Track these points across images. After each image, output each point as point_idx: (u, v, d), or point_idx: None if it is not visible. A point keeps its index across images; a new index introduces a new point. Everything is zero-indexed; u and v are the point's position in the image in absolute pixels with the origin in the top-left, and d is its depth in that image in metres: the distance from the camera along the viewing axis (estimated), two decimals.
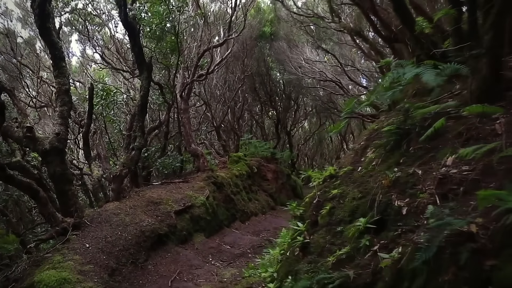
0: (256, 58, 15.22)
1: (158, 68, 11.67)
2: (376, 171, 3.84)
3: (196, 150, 10.37)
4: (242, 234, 9.38)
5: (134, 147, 8.73)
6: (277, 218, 12.17)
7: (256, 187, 12.97)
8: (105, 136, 12.94)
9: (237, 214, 10.30)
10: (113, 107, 12.32)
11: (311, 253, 4.20)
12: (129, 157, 8.63)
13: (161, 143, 11.35)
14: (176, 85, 10.58)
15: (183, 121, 10.32)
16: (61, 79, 7.79)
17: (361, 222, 3.12)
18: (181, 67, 10.94)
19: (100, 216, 7.21)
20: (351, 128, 23.53)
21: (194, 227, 8.34)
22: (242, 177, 11.82)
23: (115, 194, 8.26)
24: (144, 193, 8.61)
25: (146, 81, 8.72)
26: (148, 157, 10.35)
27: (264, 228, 10.36)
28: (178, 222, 7.95)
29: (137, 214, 7.51)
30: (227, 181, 10.45)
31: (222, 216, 9.46)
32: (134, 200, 8.17)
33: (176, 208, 8.12)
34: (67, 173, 7.44)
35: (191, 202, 8.51)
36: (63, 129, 7.57)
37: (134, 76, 10.79)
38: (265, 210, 12.40)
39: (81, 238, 6.43)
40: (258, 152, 14.78)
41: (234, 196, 10.48)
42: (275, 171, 14.84)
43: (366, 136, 5.61)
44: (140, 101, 8.75)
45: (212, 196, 9.33)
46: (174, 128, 11.99)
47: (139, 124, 8.78)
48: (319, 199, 5.04)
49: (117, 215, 7.33)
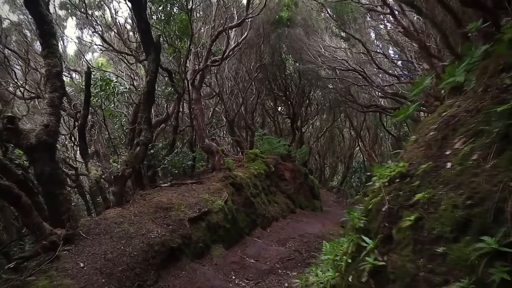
0: (272, 45, 13.80)
1: (166, 55, 10.30)
2: (485, 169, 2.51)
3: (211, 146, 9.00)
4: (265, 243, 8.02)
5: (139, 142, 7.37)
6: (299, 223, 10.82)
7: (274, 188, 11.60)
8: (104, 132, 11.60)
9: (257, 219, 8.93)
10: (114, 99, 10.97)
11: (390, 281, 2.89)
12: (133, 154, 7.26)
13: (169, 138, 9.98)
14: (187, 72, 9.20)
15: (195, 113, 8.96)
16: (51, 59, 6.41)
17: (487, 242, 1.85)
18: (192, 52, 9.59)
19: (99, 226, 5.90)
20: (367, 124, 22.08)
21: (212, 238, 6.98)
22: (261, 177, 10.46)
23: (116, 199, 6.90)
24: (151, 196, 7.25)
25: (154, 64, 7.34)
26: (154, 155, 8.98)
27: (288, 235, 8.99)
28: (193, 232, 6.61)
29: (144, 223, 6.18)
30: (246, 182, 9.08)
31: (242, 223, 8.10)
32: (139, 205, 6.82)
33: (190, 215, 6.77)
34: (58, 173, 6.06)
35: (208, 207, 7.16)
36: (54, 120, 6.19)
37: (138, 61, 9.40)
38: (285, 214, 11.04)
39: (74, 254, 5.13)
40: (273, 149, 13.40)
41: (254, 198, 9.12)
42: (292, 170, 13.47)
43: (436, 124, 4.41)
44: (146, 87, 7.38)
45: (231, 199, 7.97)
46: (183, 121, 10.64)
47: (145, 115, 7.41)
48: (390, 206, 3.70)
49: (119, 225, 6.01)
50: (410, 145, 5.93)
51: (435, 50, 8.08)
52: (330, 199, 20.29)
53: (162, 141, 10.03)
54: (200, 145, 9.28)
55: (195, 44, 9.48)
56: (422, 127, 5.61)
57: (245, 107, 13.25)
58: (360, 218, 4.35)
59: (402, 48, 11.59)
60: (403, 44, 11.98)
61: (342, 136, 26.54)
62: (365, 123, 21.94)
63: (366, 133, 22.67)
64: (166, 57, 10.35)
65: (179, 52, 8.92)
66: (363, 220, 4.30)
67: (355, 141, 24.72)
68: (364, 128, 22.33)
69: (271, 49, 13.87)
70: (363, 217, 4.31)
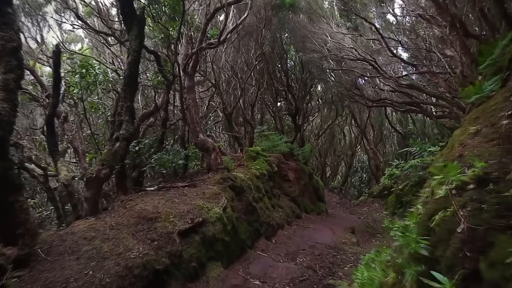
0: (273, 33, 12.46)
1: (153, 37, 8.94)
2: None
3: (206, 142, 7.64)
4: (272, 259, 6.70)
5: (118, 137, 6.01)
6: (307, 230, 9.53)
7: (277, 190, 10.28)
8: (86, 127, 10.23)
9: (261, 228, 7.61)
10: (97, 89, 9.59)
11: None
12: (111, 151, 5.91)
13: (158, 133, 8.62)
14: (178, 55, 7.86)
15: (187, 103, 7.62)
16: (5, 32, 5.02)
17: None
18: (185, 34, 8.25)
19: (63, 243, 4.59)
20: (371, 121, 20.85)
21: (208, 254, 5.66)
22: (263, 178, 9.13)
23: (89, 206, 5.55)
24: (133, 203, 5.89)
25: (137, 41, 5.99)
26: (140, 152, 7.62)
27: (297, 247, 7.68)
28: (185, 249, 5.30)
29: (122, 238, 4.88)
30: (247, 184, 7.75)
31: (244, 234, 6.77)
32: (118, 214, 5.48)
33: (180, 227, 5.45)
34: (12, 175, 4.70)
35: (203, 217, 5.83)
36: (7, 107, 4.81)
37: (120, 41, 8.02)
38: (290, 219, 9.73)
39: (26, 283, 3.87)
40: (274, 147, 12.09)
41: (256, 204, 7.80)
42: (296, 170, 12.17)
43: (507, 110, 3.48)
44: (128, 70, 6.03)
45: (231, 205, 6.63)
46: (175, 114, 9.29)
47: (126, 104, 6.06)
48: (471, 226, 2.59)
49: (89, 241, 4.71)
50: (469, 138, 4.53)
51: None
52: (332, 200, 19.07)
53: (150, 137, 8.66)
54: (193, 141, 7.93)
55: (188, 24, 8.13)
56: (481, 115, 4.33)
57: (244, 100, 11.93)
58: (420, 242, 3.12)
59: (418, 35, 10.32)
60: (417, 32, 10.74)
61: (343, 134, 25.32)
62: (369, 120, 20.70)
63: (370, 131, 21.42)
64: (153, 39, 9.01)
65: (167, 31, 7.54)
66: (425, 245, 3.08)
67: (357, 139, 23.51)
68: (368, 125, 21.09)
69: (272, 37, 12.52)
70: (424, 239, 3.10)
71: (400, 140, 19.79)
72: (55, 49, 6.05)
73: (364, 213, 15.80)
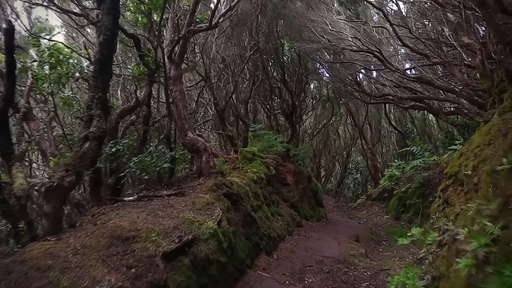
0: (268, 22, 11.35)
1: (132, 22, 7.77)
2: None
3: (196, 141, 6.48)
4: (276, 280, 5.58)
5: (88, 136, 4.85)
6: (310, 241, 8.48)
7: (275, 196, 9.19)
8: (56, 126, 8.99)
9: (261, 242, 6.49)
10: (67, 82, 8.35)
11: None
12: (78, 154, 4.73)
13: (140, 132, 7.43)
14: (162, 41, 6.70)
15: (174, 96, 6.46)
16: None
17: None
18: (170, 16, 7.10)
19: (7, 277, 3.45)
20: (368, 118, 19.90)
21: (200, 281, 4.51)
22: (261, 182, 8.03)
23: (49, 224, 4.36)
24: (106, 218, 4.71)
25: (109, 17, 4.83)
26: (118, 155, 6.42)
27: (303, 263, 6.59)
28: (171, 276, 4.16)
29: (88, 267, 3.74)
30: (244, 191, 6.62)
31: (243, 252, 5.64)
32: (86, 233, 4.29)
33: (165, 248, 4.30)
34: None
35: (193, 234, 4.68)
36: None
37: (91, 22, 6.79)
38: (291, 229, 8.65)
39: None
40: (270, 147, 10.98)
41: (255, 213, 6.68)
42: (295, 173, 11.10)
43: None
44: (100, 53, 4.86)
45: (227, 218, 5.49)
46: (159, 109, 8.12)
47: (98, 95, 4.89)
48: None
49: (44, 272, 3.56)
50: None
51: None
52: (329, 204, 18.11)
53: (130, 136, 7.46)
54: (181, 140, 6.76)
55: (173, 2, 6.97)
56: None
57: (237, 96, 10.81)
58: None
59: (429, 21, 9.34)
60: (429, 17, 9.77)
61: (338, 134, 24.39)
62: (366, 119, 19.76)
63: (368, 130, 20.48)
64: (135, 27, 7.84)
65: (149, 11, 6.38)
66: None
67: (353, 138, 22.58)
68: (365, 124, 20.15)
69: (268, 26, 11.42)
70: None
71: (399, 140, 18.92)
72: (7, 27, 4.84)
73: (364, 217, 14.87)
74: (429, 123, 18.35)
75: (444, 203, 7.35)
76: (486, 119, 6.94)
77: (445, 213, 7.11)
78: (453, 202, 6.83)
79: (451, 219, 6.47)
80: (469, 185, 5.18)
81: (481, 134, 5.84)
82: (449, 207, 7.02)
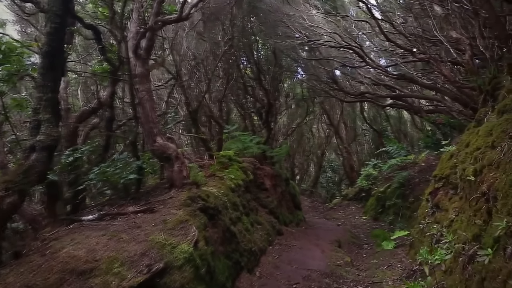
0: (243, 14, 10.66)
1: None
2: None
3: (167, 148, 5.69)
4: None
5: (34, 146, 4.01)
6: (292, 251, 7.90)
7: (254, 202, 8.53)
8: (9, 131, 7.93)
9: (242, 259, 5.81)
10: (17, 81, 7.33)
11: None
12: (22, 168, 3.88)
13: (102, 137, 6.55)
14: (126, 35, 5.88)
15: (140, 97, 5.65)
16: None
17: None
18: (135, 7, 6.28)
19: None
20: (343, 117, 19.62)
21: None
22: (239, 190, 7.34)
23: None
24: (58, 245, 3.89)
25: (57, 2, 4.00)
26: (77, 164, 5.54)
27: (288, 280, 5.98)
28: None
29: None
30: (222, 203, 5.90)
31: (223, 274, 4.93)
32: (30, 267, 3.48)
33: (131, 281, 3.56)
34: None
35: (164, 260, 3.93)
36: None
37: (40, 10, 5.83)
38: (271, 238, 8.04)
39: None
40: (245, 149, 10.30)
41: (234, 227, 5.99)
42: (273, 176, 10.49)
43: None
44: (47, 46, 4.02)
45: (204, 237, 4.77)
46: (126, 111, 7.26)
47: (47, 96, 4.06)
48: None
49: None
50: None
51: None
52: (304, 204, 17.67)
53: (91, 143, 6.55)
54: (149, 146, 5.96)
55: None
56: None
57: (210, 95, 10.06)
58: None
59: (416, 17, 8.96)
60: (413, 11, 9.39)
61: (311, 133, 24.05)
62: (341, 117, 19.47)
63: (342, 128, 20.20)
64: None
65: None
66: None
67: (327, 137, 22.29)
68: (340, 122, 19.86)
69: (242, 21, 10.73)
70: None
71: (374, 138, 18.77)
72: None
73: (341, 218, 14.53)
74: (405, 121, 18.32)
75: (434, 207, 6.95)
76: (478, 118, 6.58)
77: (436, 218, 6.70)
78: (445, 207, 6.41)
79: (444, 225, 6.05)
80: (472, 192, 4.73)
81: (479, 135, 5.42)
82: (441, 212, 6.61)
